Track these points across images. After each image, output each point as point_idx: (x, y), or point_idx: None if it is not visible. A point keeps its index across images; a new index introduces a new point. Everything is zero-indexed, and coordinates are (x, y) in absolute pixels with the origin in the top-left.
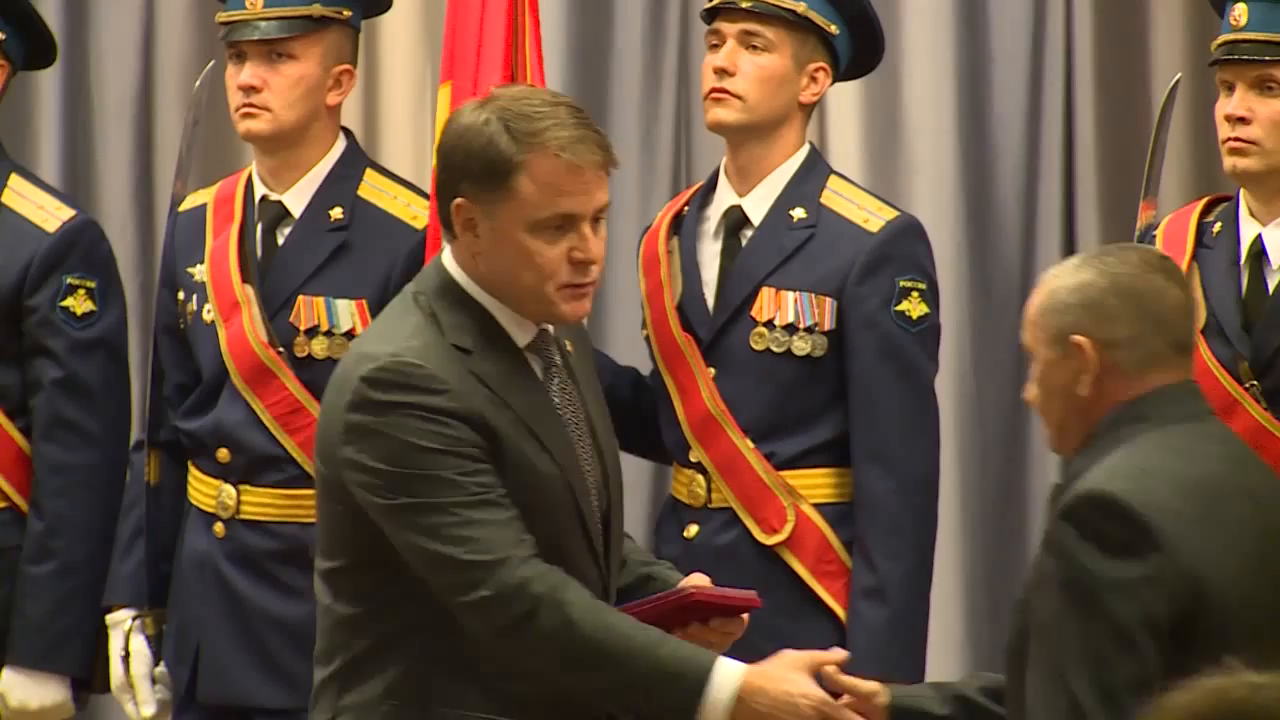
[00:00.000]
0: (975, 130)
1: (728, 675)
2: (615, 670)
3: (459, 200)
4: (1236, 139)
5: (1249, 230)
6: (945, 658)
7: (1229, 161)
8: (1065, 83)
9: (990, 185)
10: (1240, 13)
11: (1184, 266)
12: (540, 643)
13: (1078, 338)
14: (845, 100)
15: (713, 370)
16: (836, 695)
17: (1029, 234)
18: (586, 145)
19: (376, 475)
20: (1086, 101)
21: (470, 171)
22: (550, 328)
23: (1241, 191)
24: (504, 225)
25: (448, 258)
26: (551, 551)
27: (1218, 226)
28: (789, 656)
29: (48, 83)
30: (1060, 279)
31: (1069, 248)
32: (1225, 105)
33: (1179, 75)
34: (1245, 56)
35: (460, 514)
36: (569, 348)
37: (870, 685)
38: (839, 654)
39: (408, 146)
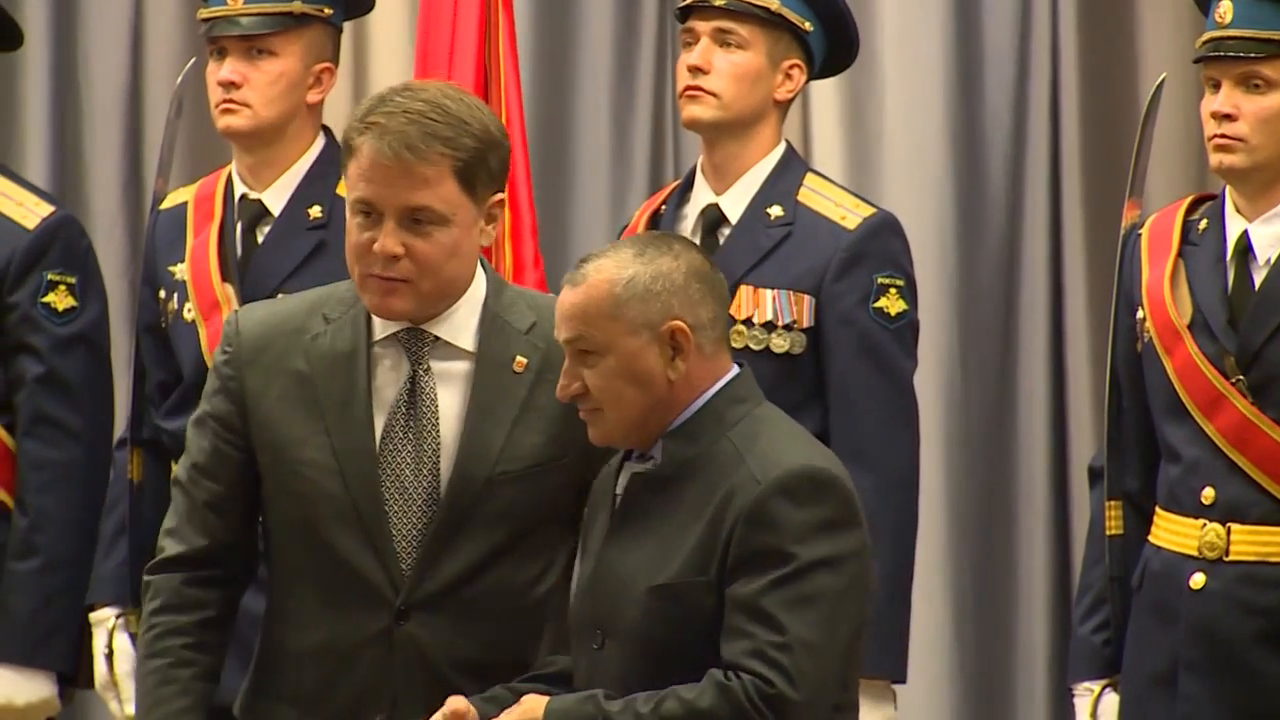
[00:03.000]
0: (962, 129)
1: None
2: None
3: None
4: (1222, 136)
5: (1235, 227)
6: (929, 657)
7: (1215, 158)
8: (1051, 81)
9: (976, 183)
10: (1225, 9)
11: (1170, 264)
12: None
13: (677, 323)
14: (827, 99)
15: None
16: None
17: (1014, 231)
18: (385, 139)
19: None
20: (1071, 100)
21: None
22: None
23: (1227, 188)
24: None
25: None
26: (307, 535)
27: (1204, 224)
28: None
29: (36, 79)
30: (631, 267)
31: (1055, 245)
32: (1211, 102)
33: (1164, 75)
34: (1230, 54)
35: (180, 484)
36: (518, 367)
37: None
38: None
39: None
